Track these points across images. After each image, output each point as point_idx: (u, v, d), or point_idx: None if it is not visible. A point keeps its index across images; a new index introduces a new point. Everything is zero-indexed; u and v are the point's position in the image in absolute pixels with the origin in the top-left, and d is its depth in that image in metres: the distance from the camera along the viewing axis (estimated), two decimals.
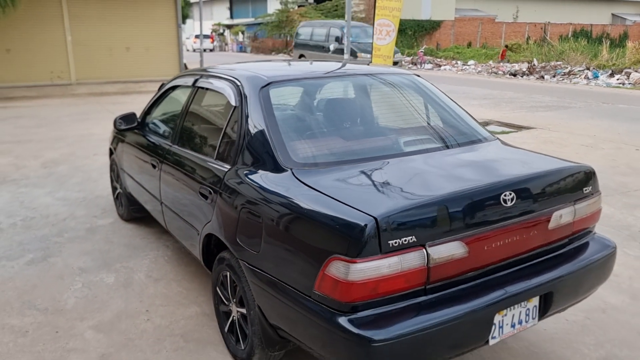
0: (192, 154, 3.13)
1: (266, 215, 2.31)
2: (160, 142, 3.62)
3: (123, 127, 4.06)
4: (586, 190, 2.51)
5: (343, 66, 3.48)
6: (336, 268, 1.94)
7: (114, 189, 4.92)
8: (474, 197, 2.12)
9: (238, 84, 2.88)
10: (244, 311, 2.57)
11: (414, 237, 1.96)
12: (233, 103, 2.83)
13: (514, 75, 20.80)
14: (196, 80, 3.40)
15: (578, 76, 18.78)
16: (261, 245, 2.32)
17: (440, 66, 25.64)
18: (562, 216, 2.38)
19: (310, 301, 2.07)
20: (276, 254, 2.25)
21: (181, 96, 3.61)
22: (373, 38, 9.59)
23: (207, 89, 3.27)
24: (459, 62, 26.26)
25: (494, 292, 2.14)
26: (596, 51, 23.50)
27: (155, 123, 3.95)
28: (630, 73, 17.88)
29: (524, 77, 20.18)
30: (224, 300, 2.81)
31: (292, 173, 2.37)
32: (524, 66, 21.97)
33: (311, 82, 3.09)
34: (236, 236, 2.50)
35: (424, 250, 1.99)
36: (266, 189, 2.37)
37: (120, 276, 3.71)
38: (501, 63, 24.73)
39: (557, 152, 7.27)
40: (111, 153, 4.85)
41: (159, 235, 4.42)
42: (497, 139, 2.99)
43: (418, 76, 3.34)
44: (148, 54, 16.01)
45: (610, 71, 18.81)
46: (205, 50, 42.04)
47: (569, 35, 34.75)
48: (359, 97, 3.16)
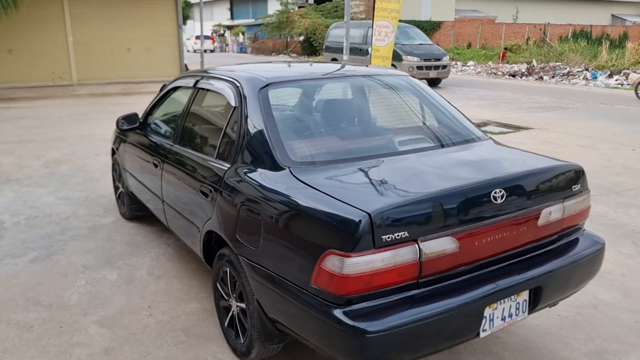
0: (193, 154, 3.20)
1: (265, 212, 2.39)
2: (161, 142, 3.70)
3: (125, 128, 4.14)
4: (575, 188, 2.58)
5: (341, 68, 3.56)
6: (332, 262, 2.01)
7: (116, 188, 5.00)
8: (465, 195, 2.20)
9: (238, 85, 2.96)
10: (244, 306, 2.64)
11: (407, 233, 2.04)
12: (233, 104, 2.91)
13: (513, 76, 20.87)
14: (197, 81, 3.48)
15: (577, 77, 18.86)
16: (260, 241, 2.40)
17: None
18: (552, 213, 2.46)
19: (307, 295, 2.15)
20: (274, 250, 2.33)
21: (182, 97, 3.69)
22: (372, 39, 9.68)
23: (208, 90, 3.35)
24: (459, 63, 26.34)
25: (485, 286, 2.22)
26: (595, 52, 23.56)
27: (157, 123, 4.03)
28: (628, 74, 17.96)
29: (523, 78, 20.25)
30: (224, 295, 2.88)
31: (290, 171, 2.45)
32: (523, 67, 22.06)
33: (309, 83, 3.16)
34: (236, 233, 2.57)
35: (416, 245, 2.06)
36: (265, 187, 2.44)
37: (122, 273, 3.79)
38: (501, 64, 24.81)
39: (554, 153, 7.35)
40: (113, 153, 4.93)
41: (161, 233, 4.50)
42: (490, 139, 3.07)
43: (412, 77, 3.42)
44: (149, 55, 16.11)
45: (609, 72, 18.89)
46: (205, 51, 42.13)
47: (569, 36, 34.83)
48: (355, 98, 3.24)
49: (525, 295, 2.37)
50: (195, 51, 37.44)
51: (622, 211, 5.07)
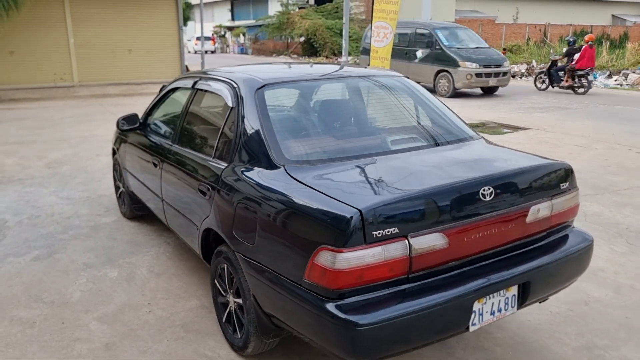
0: (192, 153, 3.27)
1: (260, 209, 2.46)
2: (161, 142, 3.77)
3: (125, 128, 4.21)
4: (563, 186, 2.64)
5: (338, 69, 3.63)
6: (324, 257, 2.08)
7: (117, 188, 5.07)
8: (454, 192, 2.26)
9: (235, 86, 3.03)
10: (240, 301, 2.71)
11: (397, 229, 2.11)
12: (230, 104, 2.98)
13: (513, 76, 20.89)
14: (195, 82, 3.55)
15: None
16: (256, 238, 2.46)
17: None
18: (540, 210, 2.52)
19: (301, 289, 2.21)
20: (269, 246, 2.40)
21: (181, 98, 3.75)
22: (371, 40, 9.73)
23: (206, 91, 3.42)
24: None
25: (473, 281, 2.28)
26: (596, 52, 23.54)
27: (156, 123, 4.10)
28: (628, 74, 18.00)
29: (523, 79, 20.30)
30: (222, 291, 2.95)
31: (285, 170, 2.51)
32: (523, 68, 22.10)
33: (304, 84, 3.23)
34: (232, 230, 2.64)
35: (406, 241, 2.13)
36: (260, 185, 2.51)
37: (123, 271, 3.86)
38: None
39: (551, 152, 7.41)
40: (114, 153, 5.00)
41: (161, 232, 4.57)
42: (482, 138, 3.13)
43: (407, 78, 3.49)
44: (150, 56, 16.18)
45: (608, 72, 18.92)
46: (206, 52, 42.30)
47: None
48: (350, 98, 3.30)
49: (514, 290, 2.44)
50: (196, 52, 37.55)
51: (617, 210, 5.13)
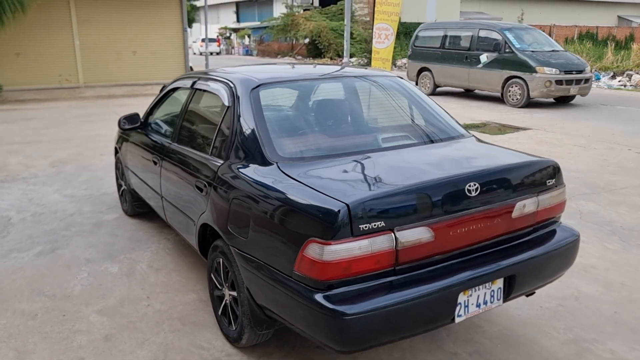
0: (190, 151, 3.36)
1: (253, 204, 2.54)
2: (161, 141, 3.86)
3: (127, 127, 4.30)
4: (550, 182, 2.71)
5: (335, 70, 3.71)
6: (313, 250, 2.16)
7: (119, 186, 5.17)
8: (440, 187, 2.34)
9: (231, 86, 3.12)
10: (235, 294, 2.79)
11: (383, 223, 2.18)
12: (226, 103, 3.07)
13: None
14: (194, 82, 3.64)
15: None
16: (249, 232, 2.54)
17: None
18: (526, 206, 2.59)
19: (291, 281, 2.29)
20: (262, 239, 2.48)
21: (180, 97, 3.85)
22: (372, 42, 9.83)
23: (204, 91, 3.51)
24: None
25: (459, 274, 2.36)
26: (601, 53, 23.55)
27: (156, 123, 4.19)
28: (631, 75, 17.98)
29: None
30: (218, 285, 3.03)
31: (278, 166, 2.60)
32: None
33: (298, 84, 3.31)
34: (227, 224, 2.72)
35: (393, 234, 2.20)
36: (253, 181, 2.59)
37: (123, 266, 3.95)
38: None
39: (550, 152, 7.46)
40: (116, 152, 5.10)
41: (161, 229, 4.66)
42: (473, 136, 3.20)
43: (401, 78, 3.57)
44: (154, 58, 16.33)
45: (612, 73, 18.92)
46: (211, 53, 42.49)
47: (575, 37, 34.81)
48: (344, 98, 3.38)
49: (499, 283, 2.50)
50: (201, 54, 37.73)
51: (613, 209, 5.18)
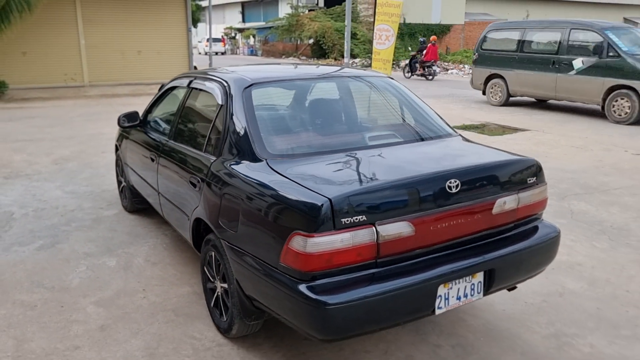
0: (185, 148, 3.46)
1: (242, 198, 2.64)
2: (158, 138, 3.96)
3: (126, 125, 4.42)
4: (530, 180, 2.79)
5: (328, 70, 3.81)
6: (297, 242, 2.25)
7: (119, 183, 5.28)
8: (420, 184, 2.43)
9: (225, 85, 3.22)
10: (226, 286, 2.89)
11: (364, 217, 2.27)
12: (220, 102, 3.17)
13: None
14: (191, 81, 3.74)
15: None
16: (238, 225, 2.64)
17: (447, 70, 25.86)
18: (506, 203, 2.67)
19: (277, 272, 2.39)
20: (250, 233, 2.58)
21: (178, 96, 3.95)
22: (373, 42, 9.92)
23: (200, 90, 3.61)
24: (467, 66, 26.45)
25: (438, 267, 2.44)
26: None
27: (154, 120, 4.30)
28: None
29: None
30: (210, 278, 3.13)
31: (267, 162, 2.70)
32: None
33: (290, 84, 3.41)
34: (219, 219, 2.82)
35: (374, 228, 2.30)
36: (243, 176, 2.69)
37: (121, 260, 4.06)
38: None
39: (547, 153, 7.54)
40: (117, 149, 5.22)
41: (159, 225, 4.77)
42: (459, 136, 3.29)
43: (391, 79, 3.66)
44: (159, 57, 16.50)
45: None
46: (216, 53, 42.67)
47: None
48: (334, 97, 3.48)
49: (480, 277, 2.59)
50: (206, 53, 37.90)
51: (604, 209, 5.25)
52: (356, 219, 2.26)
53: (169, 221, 3.93)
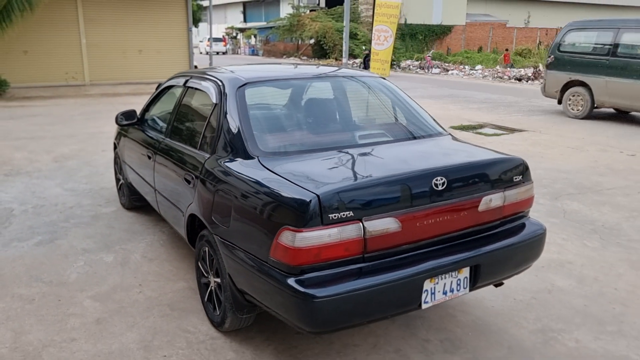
0: (180, 146, 3.53)
1: (234, 194, 2.71)
2: (155, 136, 4.03)
3: (124, 123, 4.49)
4: (517, 179, 2.86)
5: (322, 71, 3.87)
6: (286, 237, 2.32)
7: (117, 180, 5.36)
8: (406, 181, 2.49)
9: (220, 84, 3.29)
10: (219, 281, 2.96)
11: (352, 213, 2.34)
12: (214, 101, 3.24)
13: (519, 80, 21.05)
14: (187, 80, 3.81)
15: None
16: (230, 221, 2.71)
17: (448, 70, 25.92)
18: (492, 200, 2.74)
19: (267, 266, 2.45)
20: (241, 228, 2.65)
21: (174, 94, 4.02)
22: (372, 43, 9.98)
23: (195, 89, 3.68)
24: (467, 67, 26.51)
25: (424, 262, 2.51)
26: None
27: (151, 119, 4.37)
28: None
29: (529, 82, 20.41)
30: (204, 273, 3.20)
31: (258, 160, 2.76)
32: (530, 71, 22.20)
33: (284, 83, 3.48)
34: (212, 214, 2.89)
35: (361, 223, 2.36)
36: (236, 173, 2.76)
37: (118, 256, 4.13)
38: (508, 67, 24.95)
39: (542, 154, 7.60)
40: (115, 147, 5.29)
41: (156, 222, 4.84)
42: (449, 135, 3.35)
43: (384, 79, 3.73)
44: (160, 57, 16.58)
45: None
46: (217, 53, 42.74)
47: None
48: (326, 96, 3.54)
49: (465, 272, 2.65)
50: (207, 53, 37.98)
51: (596, 208, 5.31)
52: (344, 215, 2.33)
53: (165, 218, 4.00)
